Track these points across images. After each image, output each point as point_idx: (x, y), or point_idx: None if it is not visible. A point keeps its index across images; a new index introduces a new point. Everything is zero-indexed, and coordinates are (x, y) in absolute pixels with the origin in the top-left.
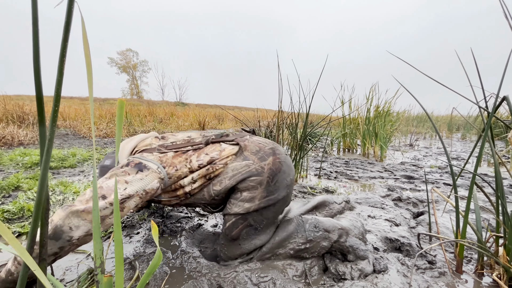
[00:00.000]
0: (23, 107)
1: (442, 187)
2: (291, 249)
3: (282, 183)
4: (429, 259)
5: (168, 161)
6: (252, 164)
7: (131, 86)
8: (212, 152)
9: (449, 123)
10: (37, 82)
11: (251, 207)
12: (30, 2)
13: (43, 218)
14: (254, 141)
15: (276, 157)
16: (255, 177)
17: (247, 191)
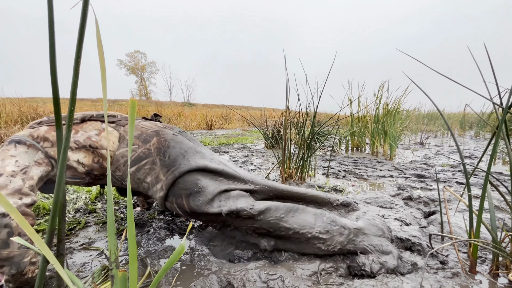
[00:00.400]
0: (37, 109)
1: (455, 186)
2: (309, 232)
3: (177, 155)
4: (441, 259)
5: (40, 135)
6: (138, 148)
7: (140, 87)
8: (90, 130)
9: (461, 121)
10: (54, 84)
11: (163, 185)
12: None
13: (61, 215)
14: (137, 125)
15: (160, 137)
16: (145, 160)
17: (149, 176)
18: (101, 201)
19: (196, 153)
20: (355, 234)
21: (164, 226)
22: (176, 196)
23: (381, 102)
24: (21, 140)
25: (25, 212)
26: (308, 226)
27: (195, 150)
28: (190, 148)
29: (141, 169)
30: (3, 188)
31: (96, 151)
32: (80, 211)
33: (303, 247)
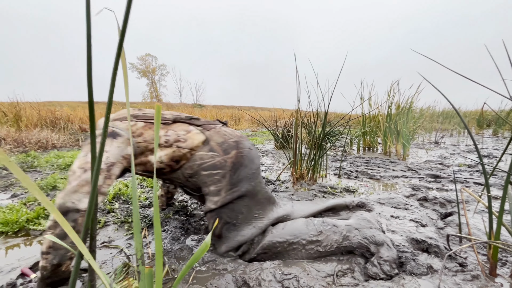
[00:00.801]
0: (55, 113)
1: (473, 186)
2: (303, 239)
3: (245, 176)
4: (460, 261)
5: (138, 131)
6: (217, 156)
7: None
8: (179, 130)
9: (478, 119)
10: (90, 93)
11: (218, 200)
12: (85, 17)
13: (94, 215)
14: (220, 131)
15: (239, 150)
16: (218, 170)
17: (214, 185)
18: (118, 201)
19: (258, 175)
20: (348, 230)
21: (179, 226)
22: (219, 218)
23: (393, 101)
24: (120, 133)
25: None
26: (301, 233)
27: (258, 173)
28: (257, 169)
29: (211, 176)
30: (87, 184)
31: (179, 149)
32: (99, 211)
33: (301, 256)
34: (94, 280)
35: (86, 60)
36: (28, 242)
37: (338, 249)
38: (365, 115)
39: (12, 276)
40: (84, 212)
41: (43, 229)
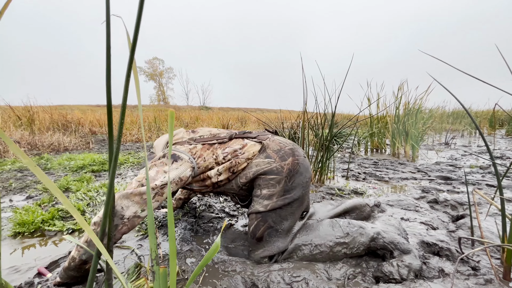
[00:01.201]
0: (66, 116)
1: (485, 188)
2: (330, 240)
3: (299, 184)
4: (472, 265)
5: (198, 152)
6: (274, 162)
7: (158, 93)
8: (235, 145)
9: (490, 119)
10: (108, 99)
11: (269, 204)
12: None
13: (110, 217)
14: (275, 140)
15: (295, 158)
16: (274, 176)
17: (267, 189)
18: None
19: (309, 184)
20: (375, 233)
21: (188, 227)
22: (264, 219)
23: (401, 102)
24: (180, 156)
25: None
26: (326, 235)
27: (310, 182)
28: (310, 178)
29: (266, 180)
30: (140, 196)
31: (236, 160)
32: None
33: (330, 259)
34: (111, 279)
35: (106, 67)
36: (44, 242)
37: (364, 251)
38: (373, 116)
39: (30, 275)
40: (127, 221)
41: (58, 229)
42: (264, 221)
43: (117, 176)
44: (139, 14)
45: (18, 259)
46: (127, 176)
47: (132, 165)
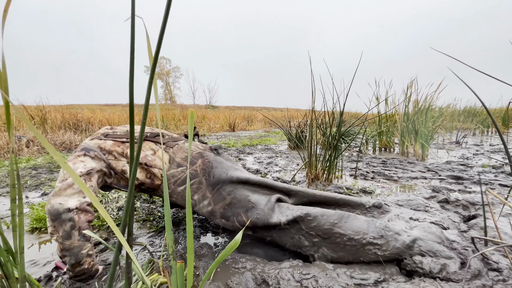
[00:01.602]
0: (77, 115)
1: (498, 188)
2: (364, 238)
3: (220, 173)
4: (494, 267)
5: (107, 148)
6: (185, 169)
7: (165, 92)
8: (146, 150)
9: (503, 117)
10: (131, 98)
11: (211, 201)
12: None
13: (131, 212)
14: (183, 147)
15: (204, 158)
16: (193, 180)
17: (196, 194)
18: (139, 200)
19: (235, 170)
20: (411, 241)
21: (198, 225)
22: (236, 215)
23: (410, 100)
24: (91, 149)
25: (86, 209)
26: (361, 231)
27: (234, 168)
28: (230, 167)
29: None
30: (70, 187)
31: (149, 169)
32: (122, 210)
33: (358, 255)
34: (131, 273)
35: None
36: None
37: (397, 255)
38: (381, 114)
39: (48, 269)
40: (77, 210)
41: None
42: (237, 214)
43: None
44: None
45: (35, 253)
46: None
47: None
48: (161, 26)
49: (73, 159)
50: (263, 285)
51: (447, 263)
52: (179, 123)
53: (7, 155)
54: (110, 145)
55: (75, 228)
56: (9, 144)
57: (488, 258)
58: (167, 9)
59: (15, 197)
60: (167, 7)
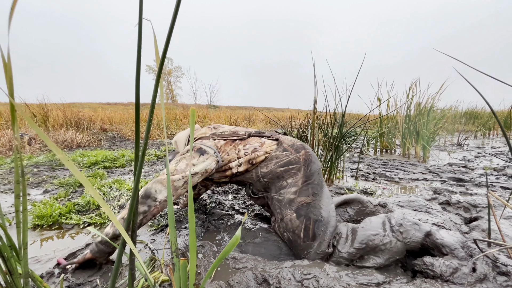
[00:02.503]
0: (79, 114)
1: (499, 190)
2: (384, 230)
3: (315, 170)
4: (503, 270)
5: (222, 147)
6: (291, 154)
7: (167, 91)
8: (254, 143)
9: (505, 119)
10: (137, 97)
11: (297, 191)
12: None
13: (135, 209)
14: (287, 138)
15: (306, 150)
16: (294, 165)
17: (291, 178)
18: None
19: (321, 174)
20: (432, 232)
21: (200, 224)
22: (307, 218)
23: (412, 101)
24: (207, 150)
25: (163, 207)
26: (376, 232)
27: (321, 173)
28: (320, 167)
29: (288, 170)
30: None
31: (254, 159)
32: (123, 207)
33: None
34: (134, 269)
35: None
36: (61, 235)
37: (416, 244)
38: (383, 116)
39: (50, 266)
40: (158, 204)
41: (75, 223)
42: (308, 218)
43: (129, 173)
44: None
45: (38, 250)
46: None
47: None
48: (169, 29)
49: (188, 159)
50: (264, 284)
51: (459, 268)
52: (180, 122)
53: (8, 152)
54: (222, 144)
55: (145, 214)
56: (12, 141)
57: (496, 261)
58: (175, 12)
59: (19, 193)
60: (175, 10)
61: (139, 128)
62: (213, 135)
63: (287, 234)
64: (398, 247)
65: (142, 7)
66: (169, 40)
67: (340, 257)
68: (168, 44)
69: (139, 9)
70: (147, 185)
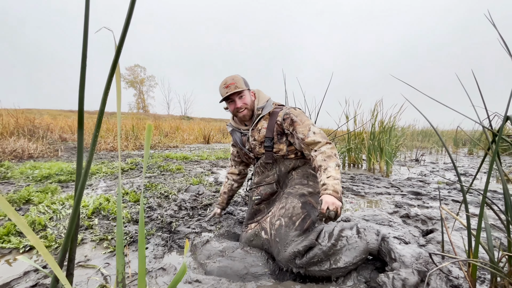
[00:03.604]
0: (34, 121)
1: (451, 204)
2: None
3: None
4: (456, 283)
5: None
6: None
7: (138, 100)
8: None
9: (454, 138)
10: (81, 103)
11: (310, 193)
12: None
13: (74, 235)
14: None
15: None
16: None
17: (312, 182)
18: (98, 216)
19: None
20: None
21: (162, 243)
22: (308, 215)
23: (376, 119)
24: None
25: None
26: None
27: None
28: None
29: (314, 175)
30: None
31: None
32: None
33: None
34: None
35: (80, 71)
36: None
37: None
38: (350, 132)
39: None
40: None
41: (14, 246)
42: (308, 215)
43: (87, 187)
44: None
45: None
46: (98, 187)
47: (105, 175)
48: (125, 22)
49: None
50: None
51: (407, 277)
52: (151, 133)
53: None
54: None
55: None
56: None
57: (448, 274)
58: (129, 15)
59: None
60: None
61: (82, 141)
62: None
63: (282, 220)
64: (363, 247)
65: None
66: (124, 34)
67: (319, 249)
68: (124, 38)
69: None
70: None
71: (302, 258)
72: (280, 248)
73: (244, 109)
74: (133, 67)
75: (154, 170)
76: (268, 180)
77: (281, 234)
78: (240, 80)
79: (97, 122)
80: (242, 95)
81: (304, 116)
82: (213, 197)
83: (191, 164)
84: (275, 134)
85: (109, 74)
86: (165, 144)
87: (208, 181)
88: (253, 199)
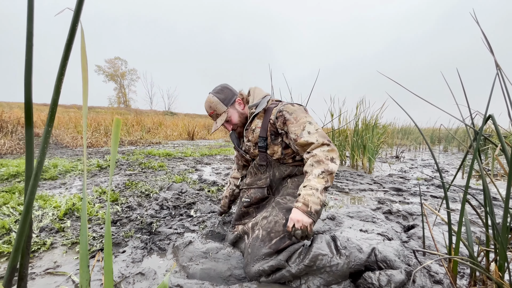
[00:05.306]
0: (2, 115)
1: (430, 199)
2: (332, 253)
3: None
4: (437, 278)
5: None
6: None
7: (119, 95)
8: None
9: (431, 136)
10: (27, 92)
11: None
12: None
13: (25, 248)
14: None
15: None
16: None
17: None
18: (71, 218)
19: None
20: (371, 249)
21: (141, 246)
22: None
23: (360, 117)
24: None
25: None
26: (326, 252)
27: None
28: None
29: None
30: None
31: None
32: (46, 230)
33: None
34: None
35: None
36: None
37: (362, 266)
38: (335, 129)
39: None
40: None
41: None
42: (289, 235)
43: (61, 186)
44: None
45: None
46: (73, 186)
47: (81, 173)
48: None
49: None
50: None
51: (393, 274)
52: (132, 129)
53: None
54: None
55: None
56: None
57: (429, 270)
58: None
59: None
60: None
61: (32, 139)
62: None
63: (260, 232)
64: (343, 270)
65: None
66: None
67: (287, 271)
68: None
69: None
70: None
71: (268, 277)
72: (249, 260)
73: (236, 127)
74: (113, 59)
75: (135, 167)
76: (260, 184)
77: (254, 246)
78: (216, 103)
79: (49, 115)
80: (228, 118)
81: (301, 112)
82: (196, 195)
83: (174, 161)
84: (268, 134)
85: (62, 56)
86: (147, 141)
87: (192, 179)
88: (242, 200)
